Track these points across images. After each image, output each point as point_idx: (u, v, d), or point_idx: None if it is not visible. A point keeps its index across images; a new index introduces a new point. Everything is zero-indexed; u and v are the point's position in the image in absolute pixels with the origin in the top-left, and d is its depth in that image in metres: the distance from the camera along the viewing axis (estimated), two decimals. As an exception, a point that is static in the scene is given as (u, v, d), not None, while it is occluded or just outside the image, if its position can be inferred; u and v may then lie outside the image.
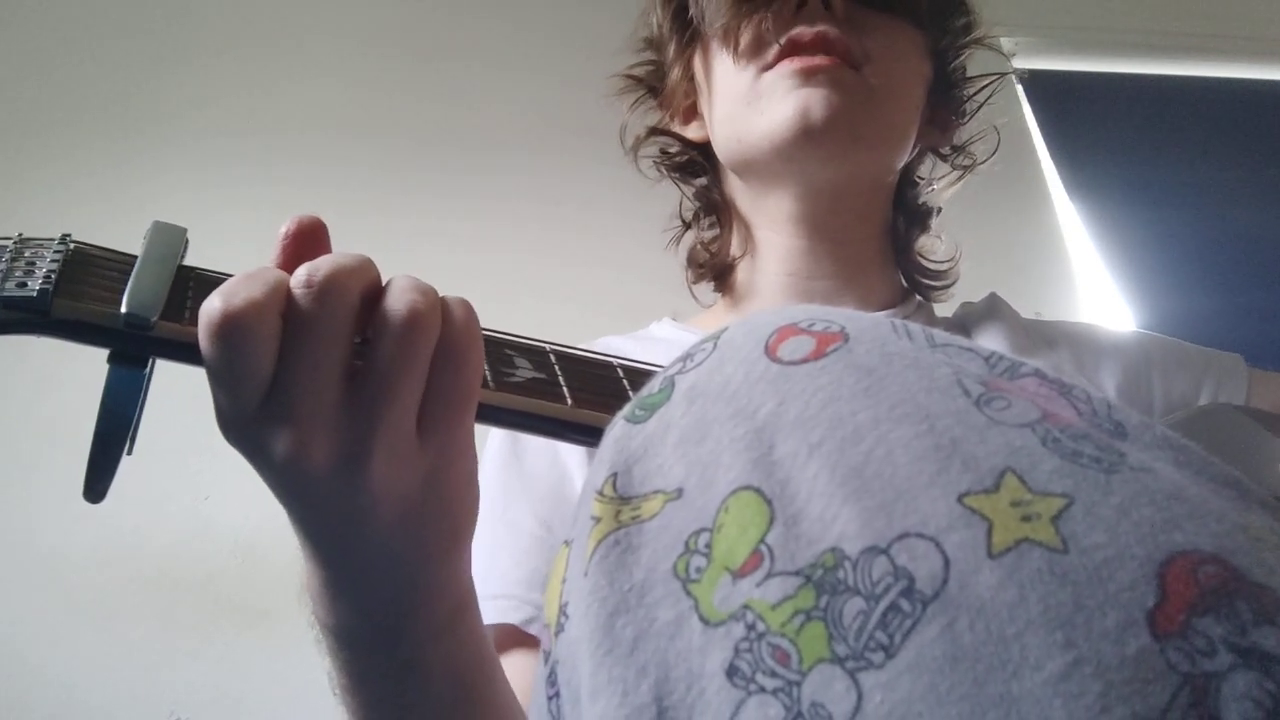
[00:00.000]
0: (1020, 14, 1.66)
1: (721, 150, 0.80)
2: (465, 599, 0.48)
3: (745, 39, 0.74)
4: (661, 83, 0.86)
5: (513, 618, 0.66)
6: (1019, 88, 1.75)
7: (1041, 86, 1.74)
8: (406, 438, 0.40)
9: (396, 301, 0.40)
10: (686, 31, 0.81)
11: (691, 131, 0.85)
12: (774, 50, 0.73)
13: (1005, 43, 1.71)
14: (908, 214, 0.84)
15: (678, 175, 0.87)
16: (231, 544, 1.42)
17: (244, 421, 0.40)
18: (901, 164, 0.80)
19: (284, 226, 0.43)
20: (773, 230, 0.80)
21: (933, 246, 0.86)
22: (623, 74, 0.87)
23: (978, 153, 0.86)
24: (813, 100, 0.70)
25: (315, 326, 0.38)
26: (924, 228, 0.85)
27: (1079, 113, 1.76)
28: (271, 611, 1.38)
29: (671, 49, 0.82)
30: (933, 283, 0.86)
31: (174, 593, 1.40)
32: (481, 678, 0.49)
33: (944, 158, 0.86)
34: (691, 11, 0.79)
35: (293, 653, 1.35)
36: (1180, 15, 1.75)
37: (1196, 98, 1.74)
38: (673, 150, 0.86)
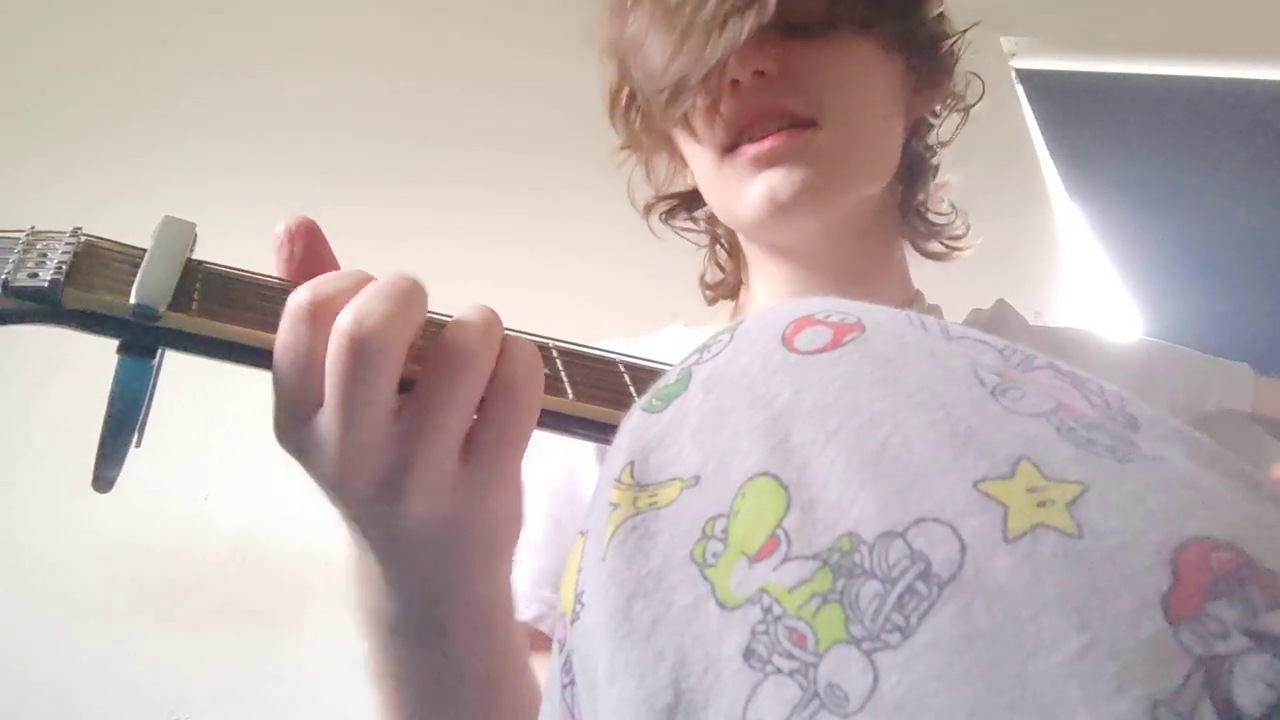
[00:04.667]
0: (1020, 14, 1.67)
1: (721, 219, 0.83)
2: (501, 601, 0.49)
3: (698, 126, 0.74)
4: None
5: (522, 615, 0.67)
6: (1019, 87, 1.76)
7: (1041, 86, 1.75)
8: (447, 470, 0.42)
9: (446, 339, 0.41)
10: (646, 114, 0.81)
11: (690, 179, 0.86)
12: (725, 135, 0.73)
13: (1005, 42, 1.71)
14: (909, 173, 0.84)
15: (686, 219, 0.90)
16: (231, 544, 1.42)
17: (293, 434, 0.42)
18: (890, 173, 0.80)
19: (278, 228, 0.44)
20: (771, 265, 0.82)
21: (936, 201, 0.86)
22: (617, 148, 0.89)
23: (969, 97, 0.86)
24: (775, 181, 0.71)
25: (358, 382, 0.39)
26: (925, 183, 0.85)
27: (1079, 113, 1.76)
28: (271, 611, 1.38)
29: (638, 127, 0.83)
30: (942, 240, 0.86)
31: (174, 593, 1.41)
32: (509, 675, 0.51)
33: (938, 114, 0.86)
34: (639, 101, 0.80)
35: (293, 653, 1.36)
36: (1180, 15, 1.75)
37: (1196, 98, 1.75)
38: (677, 209, 0.89)
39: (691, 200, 0.88)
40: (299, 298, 0.40)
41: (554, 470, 0.74)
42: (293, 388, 0.41)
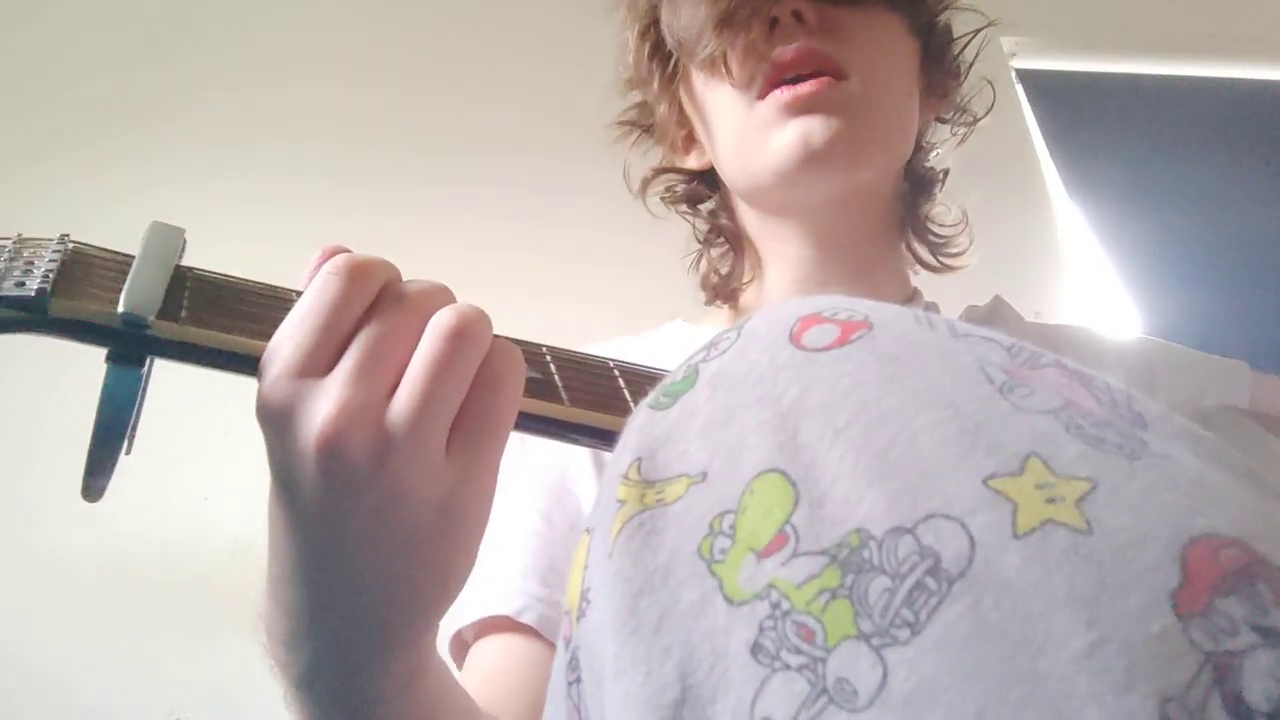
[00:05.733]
0: (1020, 14, 1.66)
1: (730, 180, 0.81)
2: (427, 662, 0.47)
3: (734, 65, 0.74)
4: (652, 119, 0.86)
5: (504, 609, 0.67)
6: (1019, 87, 1.76)
7: (1041, 86, 1.75)
8: (434, 448, 0.40)
9: (449, 311, 0.41)
10: (668, 65, 0.81)
11: (692, 161, 0.85)
12: (763, 74, 0.73)
13: (1005, 42, 1.71)
14: (915, 184, 0.84)
15: (685, 207, 0.88)
16: (231, 544, 1.42)
17: (286, 393, 0.39)
18: (909, 153, 0.80)
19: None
20: (782, 243, 0.81)
21: (940, 214, 0.86)
22: (615, 122, 0.88)
23: (976, 109, 0.86)
24: (811, 126, 0.71)
25: (390, 333, 0.40)
26: (930, 195, 0.85)
27: (1079, 113, 1.76)
28: (271, 611, 1.38)
29: (655, 84, 0.82)
30: (943, 253, 0.86)
31: (174, 593, 1.40)
32: None
33: (945, 121, 0.86)
34: (670, 45, 0.78)
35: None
36: (1180, 15, 1.75)
37: (1196, 98, 1.74)
38: (677, 186, 0.87)
39: (697, 188, 0.86)
40: (338, 257, 0.41)
41: (546, 467, 0.74)
42: (311, 342, 0.39)
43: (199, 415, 1.37)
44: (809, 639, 0.25)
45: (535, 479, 0.73)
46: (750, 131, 0.74)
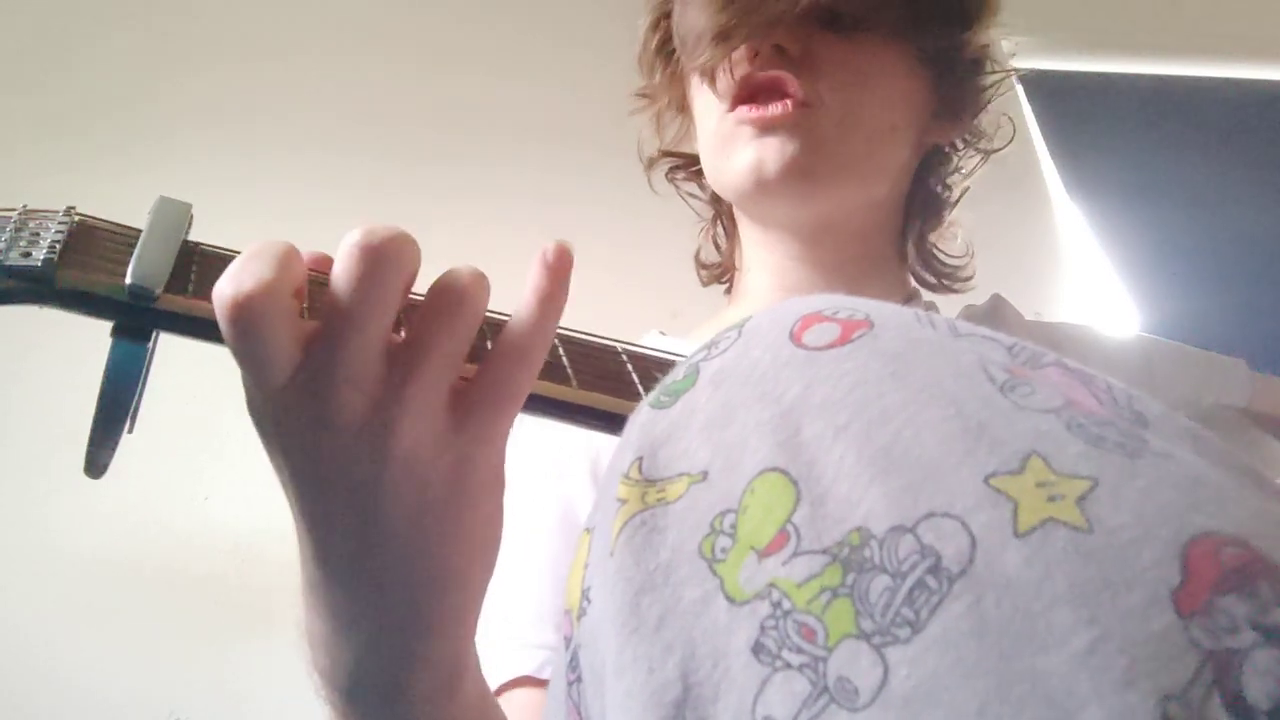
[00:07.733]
0: (1020, 14, 1.66)
1: (709, 180, 0.83)
2: (466, 659, 0.47)
3: (718, 76, 0.76)
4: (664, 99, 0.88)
5: (524, 669, 0.66)
6: (1019, 88, 1.76)
7: (1041, 86, 1.75)
8: (437, 410, 0.40)
9: (438, 282, 0.40)
10: (672, 59, 0.83)
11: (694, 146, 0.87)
12: (735, 92, 0.74)
13: (1005, 43, 1.71)
14: (922, 210, 0.84)
15: (688, 188, 0.91)
16: (231, 544, 1.42)
17: (274, 394, 0.38)
18: (885, 188, 0.80)
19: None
20: (765, 249, 0.82)
21: (948, 242, 0.87)
22: (635, 93, 0.90)
23: (995, 139, 0.87)
24: (767, 152, 0.72)
25: (368, 290, 0.38)
26: (938, 221, 0.85)
27: (1079, 113, 1.76)
28: (271, 611, 1.38)
29: (657, 76, 0.85)
30: (947, 279, 0.87)
31: (174, 593, 1.41)
32: None
33: (957, 148, 0.86)
34: (675, 42, 0.80)
35: (292, 653, 1.35)
36: (1180, 15, 1.75)
37: (1196, 98, 1.75)
38: (679, 168, 0.90)
39: (698, 172, 0.88)
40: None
41: (548, 503, 0.73)
42: (262, 346, 0.37)
43: (199, 415, 1.37)
44: (810, 638, 0.25)
45: (540, 516, 0.73)
46: (719, 141, 0.76)
